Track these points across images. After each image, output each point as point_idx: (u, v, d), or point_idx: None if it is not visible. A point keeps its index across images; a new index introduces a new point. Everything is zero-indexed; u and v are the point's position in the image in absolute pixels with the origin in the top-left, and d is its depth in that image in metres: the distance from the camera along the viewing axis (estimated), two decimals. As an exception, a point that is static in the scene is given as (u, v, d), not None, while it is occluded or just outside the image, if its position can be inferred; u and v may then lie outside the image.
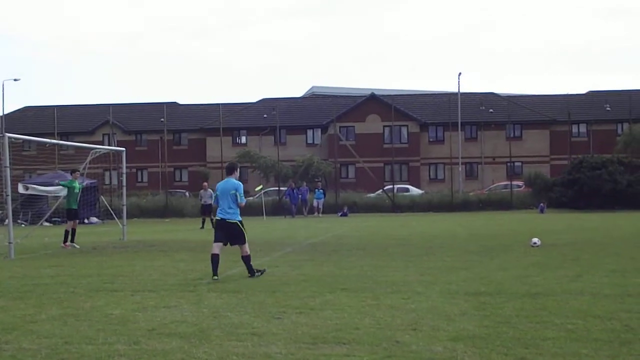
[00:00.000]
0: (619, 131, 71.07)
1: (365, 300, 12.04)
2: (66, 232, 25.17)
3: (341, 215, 50.15)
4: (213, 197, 16.16)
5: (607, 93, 77.54)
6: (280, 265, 17.58)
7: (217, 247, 15.36)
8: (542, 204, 50.17)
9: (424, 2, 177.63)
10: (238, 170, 16.24)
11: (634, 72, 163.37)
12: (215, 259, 15.19)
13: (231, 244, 15.68)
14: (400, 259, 18.82)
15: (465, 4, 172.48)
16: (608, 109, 73.82)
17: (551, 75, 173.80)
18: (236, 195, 15.54)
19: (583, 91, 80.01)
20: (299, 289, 13.47)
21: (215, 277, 14.94)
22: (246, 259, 15.49)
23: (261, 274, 15.41)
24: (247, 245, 15.58)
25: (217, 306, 11.67)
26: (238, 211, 15.67)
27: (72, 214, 25.40)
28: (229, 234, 15.51)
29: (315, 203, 52.12)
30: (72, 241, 25.01)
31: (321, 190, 53.32)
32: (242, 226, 15.66)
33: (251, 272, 15.36)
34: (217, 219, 15.73)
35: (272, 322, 10.26)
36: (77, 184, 25.76)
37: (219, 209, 15.65)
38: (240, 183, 15.92)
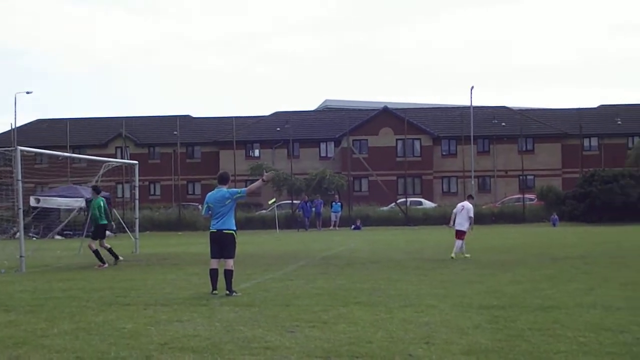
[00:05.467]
0: (630, 145, 70.95)
1: (378, 313, 12.05)
2: (96, 251, 22.91)
3: (354, 229, 50.14)
4: (203, 208, 15.51)
5: (619, 107, 77.41)
6: (293, 279, 17.58)
7: (215, 262, 15.05)
8: (554, 217, 50.09)
9: (437, 17, 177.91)
10: (229, 181, 15.85)
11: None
12: (213, 273, 15.00)
13: (220, 256, 15.07)
14: (413, 272, 18.83)
15: (478, 18, 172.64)
16: (619, 122, 73.66)
17: (563, 89, 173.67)
18: (232, 204, 15.04)
19: (595, 105, 79.88)
20: (312, 302, 13.48)
21: (215, 292, 14.80)
22: (229, 275, 14.87)
23: (236, 295, 14.64)
24: (233, 260, 15.07)
25: (230, 320, 11.68)
26: (234, 222, 15.20)
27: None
28: (223, 245, 15.02)
29: (332, 216, 52.09)
30: (115, 257, 23.34)
31: (339, 203, 53.26)
32: (236, 239, 15.19)
33: (230, 289, 14.75)
34: (212, 232, 15.16)
35: (285, 335, 10.27)
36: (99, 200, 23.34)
37: (213, 220, 15.11)
38: (233, 190, 15.44)
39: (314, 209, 52.59)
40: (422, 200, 64.23)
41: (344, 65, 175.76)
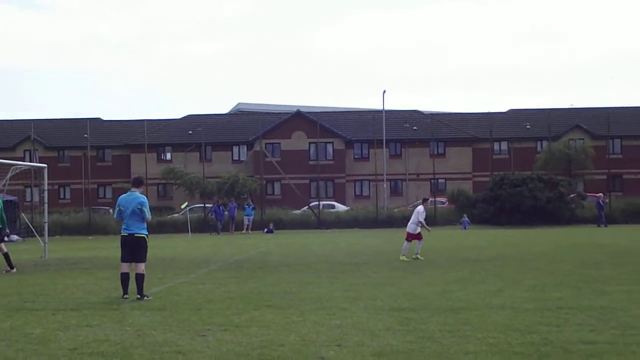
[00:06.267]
0: (539, 149, 72.58)
1: (290, 316, 12.06)
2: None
3: (267, 232, 50.08)
4: (115, 212, 15.27)
5: (528, 112, 79.04)
6: (205, 283, 17.50)
7: (126, 266, 14.91)
8: (465, 220, 50.84)
9: (350, 20, 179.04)
10: (144, 184, 15.73)
11: (553, 91, 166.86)
12: (124, 277, 14.86)
13: (131, 260, 14.94)
14: (325, 275, 18.89)
15: (391, 22, 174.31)
16: (528, 127, 75.19)
17: (473, 94, 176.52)
18: (142, 210, 14.89)
19: (504, 109, 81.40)
20: (224, 306, 13.43)
21: (126, 296, 14.66)
22: (140, 279, 14.74)
23: (147, 299, 14.54)
24: (145, 264, 14.96)
25: (140, 324, 11.56)
26: (145, 225, 15.06)
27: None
28: (135, 248, 14.88)
29: (245, 220, 51.99)
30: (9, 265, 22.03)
31: (251, 207, 53.24)
32: (147, 243, 15.11)
33: (141, 293, 14.63)
34: (123, 235, 14.99)
35: (196, 339, 10.21)
36: None
37: (124, 224, 14.95)
38: (146, 197, 15.27)
39: (227, 212, 52.37)
40: (334, 203, 64.51)
41: (257, 69, 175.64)
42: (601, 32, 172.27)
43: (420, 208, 24.85)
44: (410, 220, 24.73)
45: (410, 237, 24.22)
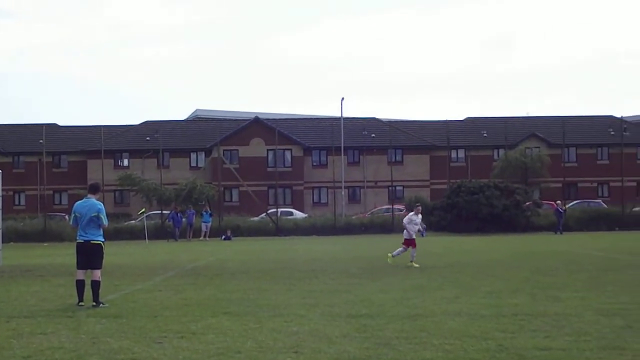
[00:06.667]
0: (496, 157, 73.22)
1: (247, 323, 12.04)
2: None
3: (224, 239, 49.89)
4: (71, 218, 15.14)
5: (485, 120, 79.71)
6: (162, 290, 17.41)
7: (81, 273, 14.80)
8: (423, 227, 50.99)
9: (308, 28, 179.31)
10: (100, 191, 15.65)
11: (510, 100, 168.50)
12: (80, 284, 14.72)
13: (87, 267, 14.82)
14: (283, 282, 18.88)
15: (349, 29, 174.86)
16: (485, 135, 75.86)
17: (431, 102, 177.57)
18: (99, 217, 14.75)
19: (462, 118, 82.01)
20: (180, 313, 13.37)
21: (81, 303, 14.53)
22: (96, 286, 14.62)
23: (103, 306, 14.43)
24: (100, 271, 14.84)
25: (96, 332, 11.47)
26: (101, 232, 14.94)
27: None
28: (90, 255, 14.75)
29: (203, 227, 51.76)
30: None
31: (209, 213, 53.02)
32: (103, 249, 15.01)
33: (96, 300, 14.51)
34: (79, 242, 14.87)
35: (152, 347, 10.15)
36: None
37: (80, 231, 14.82)
38: (102, 204, 15.18)
39: (185, 219, 52.12)
40: (292, 210, 64.50)
41: (216, 75, 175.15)
42: (555, 42, 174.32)
43: (409, 216, 25.05)
44: (410, 229, 24.67)
45: (410, 243, 24.23)
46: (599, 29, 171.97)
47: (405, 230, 24.63)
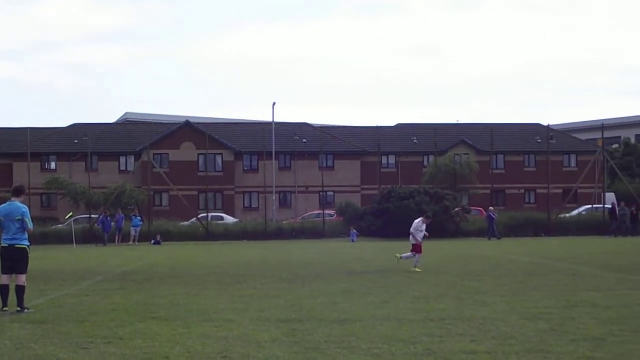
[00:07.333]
0: (426, 162, 73.86)
1: (176, 328, 11.97)
2: None
3: (154, 244, 49.51)
4: None
5: (415, 126, 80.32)
6: (89, 295, 17.21)
7: (6, 278, 14.55)
8: (353, 232, 51.21)
9: (240, 32, 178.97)
10: (25, 193, 15.37)
11: (440, 106, 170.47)
12: (4, 289, 14.46)
13: (11, 271, 14.58)
14: (212, 287, 18.82)
15: (279, 36, 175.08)
16: (415, 141, 76.52)
17: (362, 108, 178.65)
18: (23, 220, 14.51)
19: (392, 124, 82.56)
20: (108, 318, 13.24)
21: (5, 309, 14.29)
22: (20, 290, 14.40)
23: (28, 311, 14.20)
24: (25, 275, 14.61)
25: (20, 337, 11.30)
26: (26, 236, 14.70)
27: None
28: (15, 260, 14.49)
29: (132, 231, 51.26)
30: None
31: (138, 218, 52.49)
32: (28, 254, 14.78)
33: (21, 305, 14.29)
34: (2, 246, 14.60)
35: (78, 352, 10.04)
36: None
37: (4, 235, 14.60)
38: (26, 207, 14.92)
39: (114, 223, 51.57)
40: (223, 215, 64.23)
41: (146, 78, 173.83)
42: (483, 51, 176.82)
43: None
44: (416, 235, 24.66)
45: (417, 248, 24.23)
46: (525, 40, 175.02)
47: (411, 236, 24.61)
